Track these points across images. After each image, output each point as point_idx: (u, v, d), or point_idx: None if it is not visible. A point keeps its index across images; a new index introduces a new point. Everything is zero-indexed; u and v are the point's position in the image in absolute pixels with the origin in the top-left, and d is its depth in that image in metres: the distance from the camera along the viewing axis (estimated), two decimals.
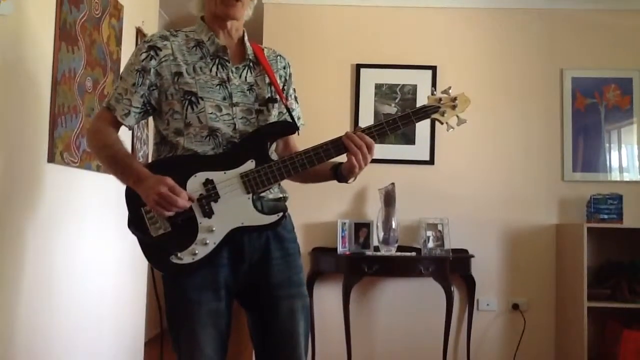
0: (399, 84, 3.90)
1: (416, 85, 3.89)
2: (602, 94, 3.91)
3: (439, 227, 3.70)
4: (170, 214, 1.49)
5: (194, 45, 1.64)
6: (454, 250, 3.67)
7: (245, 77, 1.65)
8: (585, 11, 3.93)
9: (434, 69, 3.89)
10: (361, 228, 3.75)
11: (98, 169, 2.63)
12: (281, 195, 1.69)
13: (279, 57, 1.78)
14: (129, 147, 3.04)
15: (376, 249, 3.68)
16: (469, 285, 3.74)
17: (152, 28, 3.54)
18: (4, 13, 1.92)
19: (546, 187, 3.87)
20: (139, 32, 3.29)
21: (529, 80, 3.93)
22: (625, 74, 3.91)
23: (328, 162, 1.65)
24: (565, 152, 3.88)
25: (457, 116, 1.66)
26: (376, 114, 3.88)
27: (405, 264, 3.55)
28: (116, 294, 3.02)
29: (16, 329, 2.08)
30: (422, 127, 3.83)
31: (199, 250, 1.53)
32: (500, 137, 3.91)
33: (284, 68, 1.78)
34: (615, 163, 3.91)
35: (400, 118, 1.61)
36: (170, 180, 1.47)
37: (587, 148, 3.90)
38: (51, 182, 2.31)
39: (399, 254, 3.59)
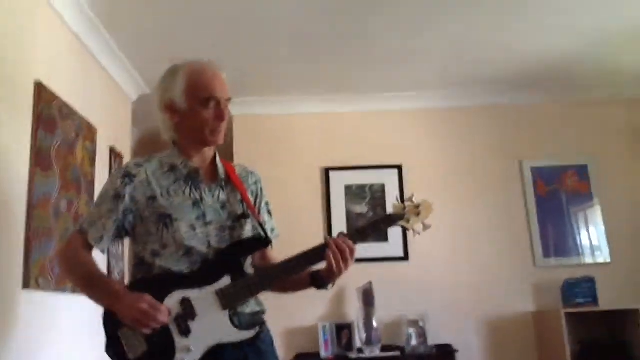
0: (367, 184, 4.03)
1: (384, 184, 4.02)
2: (561, 181, 4.09)
3: (420, 323, 3.68)
4: (149, 331, 1.49)
5: (168, 170, 1.71)
6: (438, 346, 3.64)
7: (218, 196, 1.71)
8: (536, 105, 4.21)
9: (399, 167, 4.06)
10: (343, 330, 3.72)
11: (73, 291, 2.61)
12: (258, 309, 1.70)
13: (250, 174, 1.85)
14: (104, 265, 3.05)
15: (360, 350, 3.63)
16: None
17: (124, 145, 3.64)
18: None
19: (520, 274, 3.94)
20: (112, 151, 3.38)
21: (490, 172, 4.11)
22: (580, 160, 4.12)
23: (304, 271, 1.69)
24: (533, 239, 3.99)
25: (422, 222, 1.74)
26: (348, 213, 3.98)
27: None
28: None
29: None
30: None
31: None
32: (469, 229, 4.02)
33: (255, 183, 1.85)
34: (586, 244, 4.01)
35: (370, 226, 1.73)
36: (149, 297, 1.50)
37: (556, 233, 4.01)
38: (27, 308, 2.27)
39: (383, 354, 3.55)
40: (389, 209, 1.79)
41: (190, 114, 1.68)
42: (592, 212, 4.08)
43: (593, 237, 4.03)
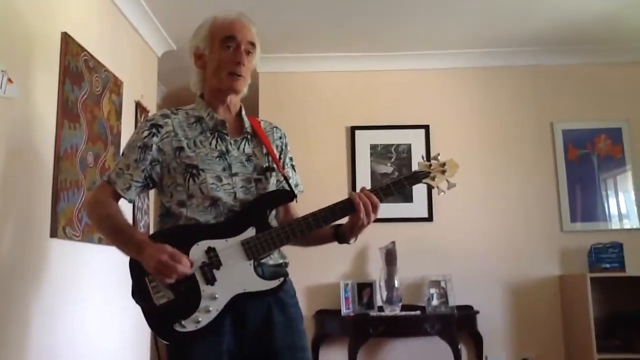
0: (393, 144, 3.99)
1: (410, 144, 3.98)
2: (593, 145, 3.99)
3: (442, 284, 3.68)
4: (171, 281, 1.51)
5: (194, 121, 1.71)
6: (459, 307, 3.65)
7: (244, 149, 1.71)
8: (570, 66, 4.08)
9: (426, 127, 3.99)
10: (364, 288, 3.75)
11: (100, 242, 2.66)
12: (281, 261, 1.71)
13: (275, 129, 1.85)
14: (130, 218, 3.10)
15: (380, 308, 3.65)
16: (477, 342, 3.69)
17: (151, 101, 3.65)
18: (10, 96, 2.00)
19: (546, 238, 3.89)
20: (138, 106, 3.39)
21: (520, 134, 4.02)
22: (614, 124, 4.00)
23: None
24: (562, 203, 3.93)
25: (447, 180, 1.72)
26: (373, 174, 3.95)
27: (411, 323, 3.52)
28: None
29: None
30: (419, 185, 3.88)
31: (202, 317, 1.54)
32: (496, 191, 3.96)
33: (280, 138, 1.84)
34: (614, 211, 3.94)
35: (394, 184, 1.69)
36: (169, 248, 1.51)
37: (584, 198, 3.94)
38: (54, 256, 2.33)
39: (403, 313, 3.57)
40: (415, 169, 1.77)
41: (211, 57, 1.71)
42: (622, 178, 3.98)
43: (622, 204, 3.95)
